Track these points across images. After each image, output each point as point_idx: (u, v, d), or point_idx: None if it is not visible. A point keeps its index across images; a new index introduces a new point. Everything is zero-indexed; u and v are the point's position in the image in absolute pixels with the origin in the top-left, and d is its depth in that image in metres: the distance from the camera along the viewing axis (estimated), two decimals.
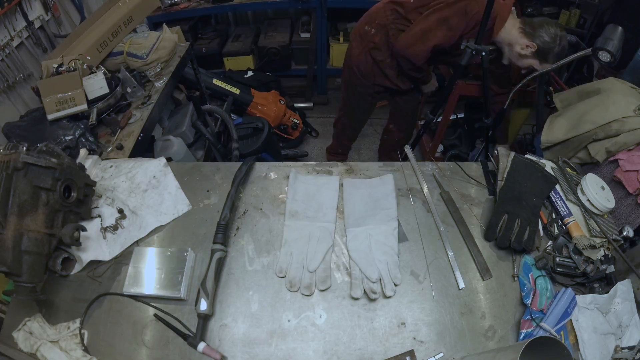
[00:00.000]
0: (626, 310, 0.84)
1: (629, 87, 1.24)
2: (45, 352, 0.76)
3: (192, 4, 2.93)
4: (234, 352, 0.78)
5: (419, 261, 0.91)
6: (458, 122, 2.80)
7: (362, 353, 0.78)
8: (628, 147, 1.07)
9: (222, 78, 2.72)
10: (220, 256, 0.86)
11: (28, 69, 1.74)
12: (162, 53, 1.86)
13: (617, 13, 2.63)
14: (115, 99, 1.61)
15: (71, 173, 0.88)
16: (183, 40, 2.20)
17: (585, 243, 0.89)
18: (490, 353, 0.74)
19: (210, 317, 0.82)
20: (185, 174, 1.08)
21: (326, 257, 0.90)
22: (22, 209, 0.77)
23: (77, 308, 0.83)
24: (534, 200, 0.98)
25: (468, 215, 1.00)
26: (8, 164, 0.78)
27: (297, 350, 0.78)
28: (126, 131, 1.53)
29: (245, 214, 0.99)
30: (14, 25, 1.67)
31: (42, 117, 1.47)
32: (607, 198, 0.99)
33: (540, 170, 1.05)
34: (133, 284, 0.83)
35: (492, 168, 1.11)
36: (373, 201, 1.00)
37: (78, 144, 1.38)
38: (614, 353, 0.80)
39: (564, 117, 1.27)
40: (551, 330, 0.77)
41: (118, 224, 0.96)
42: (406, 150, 1.20)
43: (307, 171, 1.10)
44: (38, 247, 0.78)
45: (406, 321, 0.82)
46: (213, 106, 1.82)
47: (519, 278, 0.86)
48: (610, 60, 1.20)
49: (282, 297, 0.85)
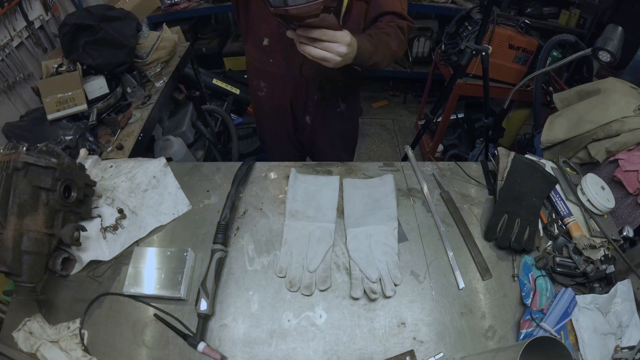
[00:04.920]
0: (626, 310, 0.84)
1: (629, 87, 1.24)
2: (45, 352, 0.76)
3: (192, 4, 2.93)
4: (234, 352, 0.78)
5: (419, 261, 0.91)
6: (458, 122, 2.80)
7: (362, 353, 0.78)
8: (628, 147, 1.07)
9: (222, 78, 2.73)
10: (221, 256, 0.86)
11: (28, 69, 1.75)
12: (162, 53, 1.86)
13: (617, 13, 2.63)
14: (115, 99, 1.61)
15: (71, 173, 0.88)
16: (183, 40, 2.20)
17: (585, 243, 0.89)
18: (490, 353, 0.74)
19: (210, 317, 0.82)
20: (185, 174, 1.08)
21: (326, 257, 0.90)
22: (22, 209, 0.77)
23: (77, 308, 0.83)
24: (534, 200, 0.98)
25: (468, 215, 1.00)
26: (8, 164, 0.78)
27: (297, 350, 0.78)
28: (126, 131, 1.54)
29: (245, 214, 0.99)
30: (14, 25, 1.67)
31: (42, 117, 1.48)
32: (607, 198, 0.99)
33: (540, 170, 1.05)
34: (133, 284, 0.83)
35: (492, 168, 1.11)
36: (373, 201, 1.00)
37: (78, 144, 1.38)
38: (614, 353, 0.80)
39: (564, 117, 1.27)
40: (551, 330, 0.77)
41: (118, 224, 0.96)
42: (406, 150, 1.20)
43: (307, 171, 1.10)
44: (38, 247, 0.78)
45: (406, 321, 0.82)
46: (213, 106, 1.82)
47: (519, 278, 0.86)
48: (610, 60, 1.20)
49: (282, 297, 0.85)
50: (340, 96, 1.34)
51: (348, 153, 1.61)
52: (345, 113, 1.39)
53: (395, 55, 1.08)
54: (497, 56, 2.11)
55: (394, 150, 3.09)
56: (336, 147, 1.48)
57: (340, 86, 1.30)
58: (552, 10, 3.00)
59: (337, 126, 1.42)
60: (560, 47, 2.01)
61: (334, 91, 1.31)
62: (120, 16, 1.67)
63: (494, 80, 2.15)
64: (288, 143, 1.49)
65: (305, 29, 0.77)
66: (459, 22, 2.30)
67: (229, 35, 3.40)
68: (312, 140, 1.45)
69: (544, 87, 2.02)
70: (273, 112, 1.38)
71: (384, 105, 3.56)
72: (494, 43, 2.07)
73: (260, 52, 1.22)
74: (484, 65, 1.72)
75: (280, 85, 1.28)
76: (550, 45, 1.89)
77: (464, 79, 2.17)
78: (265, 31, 1.16)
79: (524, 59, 2.15)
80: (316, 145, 1.47)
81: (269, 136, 1.53)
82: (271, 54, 1.20)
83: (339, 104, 1.36)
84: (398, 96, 3.64)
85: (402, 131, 3.26)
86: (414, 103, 3.57)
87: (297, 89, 1.27)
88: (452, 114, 2.57)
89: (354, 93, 1.39)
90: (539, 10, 2.93)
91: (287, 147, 1.51)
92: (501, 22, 2.15)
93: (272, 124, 1.44)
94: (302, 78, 1.23)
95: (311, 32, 0.77)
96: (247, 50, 1.30)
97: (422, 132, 2.04)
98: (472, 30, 2.15)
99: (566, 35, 1.83)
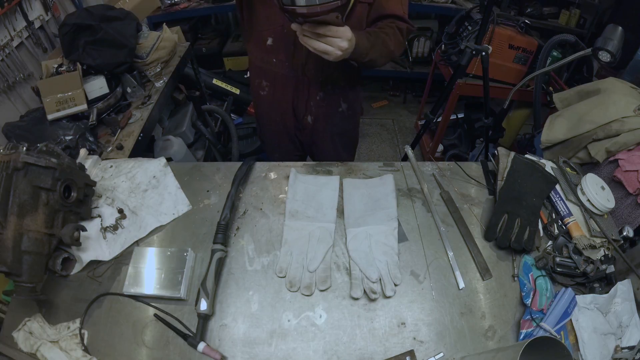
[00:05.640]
0: (626, 310, 0.84)
1: (629, 87, 1.24)
2: (45, 352, 0.76)
3: (192, 4, 2.93)
4: (234, 352, 0.78)
5: (419, 261, 0.91)
6: (458, 122, 2.80)
7: (362, 353, 0.78)
8: (628, 147, 1.07)
9: (222, 78, 2.73)
10: (221, 256, 0.86)
11: (28, 69, 1.75)
12: (162, 53, 1.86)
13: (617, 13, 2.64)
14: (115, 99, 1.61)
15: (71, 173, 0.88)
16: (183, 40, 2.20)
17: (585, 243, 0.89)
18: (490, 353, 0.74)
19: (210, 317, 0.82)
20: (185, 174, 1.08)
21: (326, 257, 0.90)
22: (22, 209, 0.77)
23: (77, 308, 0.83)
24: (534, 200, 0.98)
25: (468, 215, 1.00)
26: (8, 164, 0.78)
27: (297, 350, 0.78)
28: (126, 131, 1.54)
29: (245, 214, 0.99)
30: (14, 25, 1.67)
31: (42, 117, 1.48)
32: (607, 198, 0.99)
33: (540, 170, 1.05)
34: (133, 284, 0.83)
35: (492, 168, 1.11)
36: (373, 201, 1.00)
37: (78, 144, 1.38)
38: (614, 353, 0.80)
39: (564, 117, 1.27)
40: (551, 330, 0.77)
41: (118, 224, 0.96)
42: (406, 150, 1.20)
43: (307, 171, 1.10)
44: (38, 247, 0.78)
45: (406, 321, 0.82)
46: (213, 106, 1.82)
47: (519, 278, 0.86)
48: (610, 60, 1.20)
49: (282, 297, 0.85)
50: (342, 96, 1.34)
51: (349, 153, 1.61)
52: (347, 112, 1.40)
53: (392, 55, 1.11)
54: (497, 56, 2.11)
55: (394, 150, 3.09)
56: (337, 146, 1.49)
57: (341, 86, 1.31)
58: (552, 10, 3.00)
59: (338, 126, 1.42)
60: (560, 47, 2.01)
61: (336, 91, 1.31)
62: (120, 16, 1.67)
63: (494, 80, 2.15)
64: (288, 143, 1.49)
65: (312, 25, 0.82)
66: (459, 22, 2.30)
67: (229, 35, 3.40)
68: (312, 139, 1.45)
69: (544, 87, 2.02)
70: (274, 111, 1.38)
71: (384, 105, 3.56)
72: (494, 43, 2.07)
73: (263, 52, 1.22)
74: (484, 65, 1.72)
75: (283, 84, 1.28)
76: (550, 45, 1.89)
77: (464, 79, 2.17)
78: (269, 31, 1.16)
79: (524, 59, 2.15)
80: (317, 145, 1.47)
81: (270, 135, 1.53)
82: (274, 53, 1.21)
83: (340, 104, 1.36)
84: (398, 96, 3.64)
85: (402, 131, 3.26)
86: (414, 103, 3.57)
87: (299, 88, 1.27)
88: (452, 114, 2.57)
89: (355, 93, 1.40)
90: (539, 10, 2.93)
91: (287, 146, 1.51)
92: (501, 22, 2.15)
93: (273, 123, 1.44)
94: (305, 78, 1.24)
95: (317, 28, 0.83)
96: (250, 49, 1.30)
97: (422, 132, 2.04)
98: (472, 30, 2.15)
99: (566, 35, 1.84)
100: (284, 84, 1.28)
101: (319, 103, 1.32)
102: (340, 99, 1.35)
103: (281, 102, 1.33)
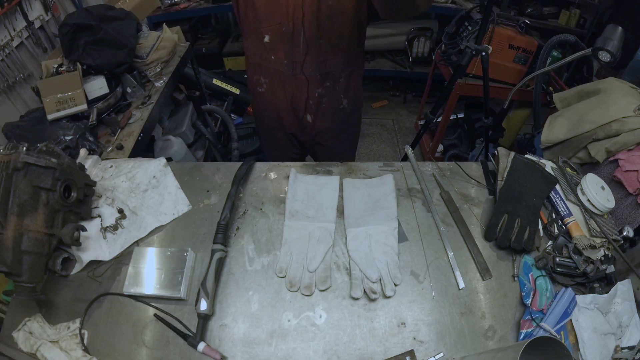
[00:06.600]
0: (626, 310, 0.84)
1: (629, 87, 1.24)
2: (45, 352, 0.76)
3: (192, 4, 2.93)
4: (234, 352, 0.78)
5: (419, 261, 0.91)
6: (458, 122, 2.80)
7: (362, 353, 0.78)
8: (628, 147, 1.07)
9: (222, 78, 2.72)
10: (221, 256, 0.86)
11: (28, 69, 1.74)
12: (162, 53, 1.86)
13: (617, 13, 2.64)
14: (115, 99, 1.61)
15: (71, 173, 0.88)
16: (183, 40, 2.20)
17: (585, 243, 0.89)
18: (490, 353, 0.74)
19: (210, 317, 0.82)
20: (185, 174, 1.08)
21: (326, 257, 0.90)
22: (22, 209, 0.77)
23: (77, 308, 0.83)
24: (534, 200, 0.98)
25: (468, 215, 1.00)
26: (8, 164, 0.78)
27: (297, 350, 0.78)
28: (126, 131, 1.54)
29: (245, 214, 0.99)
30: (14, 25, 1.67)
31: (42, 117, 1.47)
32: (607, 198, 0.99)
33: (540, 170, 1.05)
34: (133, 284, 0.83)
35: (492, 168, 1.11)
36: (373, 201, 1.00)
37: (78, 144, 1.38)
38: (614, 353, 0.80)
39: (564, 117, 1.27)
40: (551, 330, 0.77)
41: (118, 224, 0.96)
42: (406, 150, 1.20)
43: (307, 171, 1.10)
44: (38, 247, 0.78)
45: (406, 321, 0.82)
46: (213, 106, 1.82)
47: (519, 278, 0.86)
48: (610, 60, 1.20)
49: (282, 297, 0.85)
50: (342, 93, 1.34)
51: (351, 150, 1.60)
52: (348, 109, 1.39)
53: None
54: (497, 56, 2.11)
55: (394, 150, 3.09)
56: (338, 144, 1.48)
57: (342, 83, 1.30)
58: (552, 10, 3.00)
59: (340, 123, 1.42)
60: (560, 47, 2.01)
61: (336, 88, 1.31)
62: (120, 16, 1.67)
63: (494, 80, 2.15)
64: (287, 141, 1.49)
65: None
66: (459, 22, 2.30)
67: (229, 35, 3.40)
68: (313, 138, 1.45)
69: (544, 87, 2.02)
70: (273, 108, 1.38)
71: (384, 105, 3.56)
72: (494, 43, 2.07)
73: (261, 49, 1.22)
74: (484, 65, 1.72)
75: (281, 82, 1.28)
76: (550, 45, 1.89)
77: (464, 79, 2.17)
78: (266, 28, 1.16)
79: (524, 59, 2.15)
80: (318, 143, 1.47)
81: (268, 133, 1.52)
82: (272, 51, 1.20)
83: (341, 101, 1.36)
84: (398, 96, 3.64)
85: (402, 131, 3.26)
86: (414, 103, 3.57)
87: (298, 87, 1.27)
88: (452, 114, 2.57)
89: (356, 88, 1.39)
90: (539, 10, 2.93)
91: (285, 145, 1.51)
92: (501, 22, 2.15)
93: (271, 120, 1.43)
94: (303, 76, 1.23)
95: None
96: (247, 46, 1.30)
97: (422, 132, 2.03)
98: (472, 30, 2.15)
99: (566, 35, 1.83)
100: (282, 82, 1.27)
101: (318, 101, 1.31)
102: (341, 95, 1.34)
103: (279, 100, 1.33)
